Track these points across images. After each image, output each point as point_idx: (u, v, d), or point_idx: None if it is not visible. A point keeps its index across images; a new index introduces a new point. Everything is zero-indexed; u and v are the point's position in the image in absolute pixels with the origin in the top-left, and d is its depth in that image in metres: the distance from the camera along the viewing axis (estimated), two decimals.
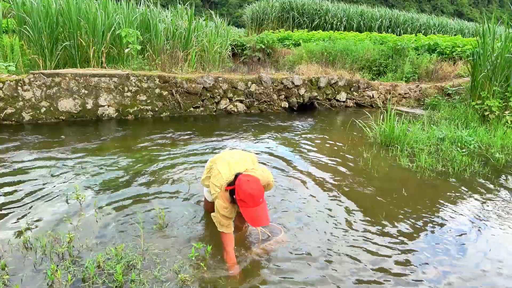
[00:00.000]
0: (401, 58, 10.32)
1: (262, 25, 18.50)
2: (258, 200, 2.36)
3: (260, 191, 2.38)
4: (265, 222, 2.39)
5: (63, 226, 2.99)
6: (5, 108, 5.63)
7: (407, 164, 4.78)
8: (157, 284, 2.36)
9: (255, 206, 2.36)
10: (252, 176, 2.46)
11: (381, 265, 2.72)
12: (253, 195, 2.33)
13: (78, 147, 4.84)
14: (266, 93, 7.53)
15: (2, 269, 2.44)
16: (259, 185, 2.40)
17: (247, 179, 2.41)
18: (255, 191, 2.35)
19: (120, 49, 7.50)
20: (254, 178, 2.44)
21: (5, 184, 3.68)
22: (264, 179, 2.59)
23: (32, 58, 7.34)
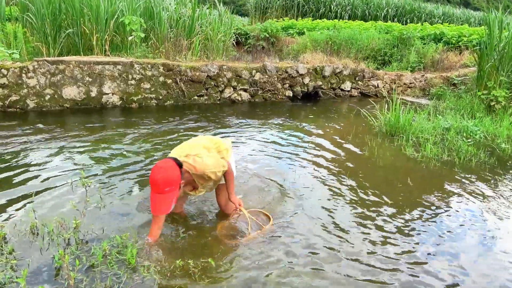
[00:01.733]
0: (407, 48, 10.22)
1: (266, 14, 18.30)
2: (153, 188, 2.36)
3: (160, 182, 2.33)
4: (154, 211, 2.42)
5: (69, 212, 3.00)
6: (9, 96, 5.63)
7: (412, 154, 4.76)
8: (162, 273, 2.38)
9: (152, 192, 2.39)
10: (168, 163, 2.41)
11: (384, 254, 2.72)
12: (151, 182, 2.37)
13: (83, 135, 4.84)
14: (271, 82, 7.49)
15: (10, 253, 2.45)
16: (162, 174, 2.34)
17: (160, 165, 2.40)
18: (152, 179, 2.36)
19: (124, 37, 7.45)
20: (166, 167, 2.39)
21: (11, 170, 3.70)
22: (199, 168, 2.54)
23: (36, 46, 7.30)
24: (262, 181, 3.80)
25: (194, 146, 2.72)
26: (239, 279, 2.36)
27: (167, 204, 2.40)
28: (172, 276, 2.34)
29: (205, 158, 2.61)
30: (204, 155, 2.63)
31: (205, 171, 2.56)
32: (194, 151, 2.66)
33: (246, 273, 2.42)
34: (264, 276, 2.39)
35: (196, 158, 2.58)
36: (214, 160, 2.64)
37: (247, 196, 3.45)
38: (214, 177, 2.63)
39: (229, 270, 2.44)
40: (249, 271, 2.44)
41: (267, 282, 2.35)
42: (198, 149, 2.68)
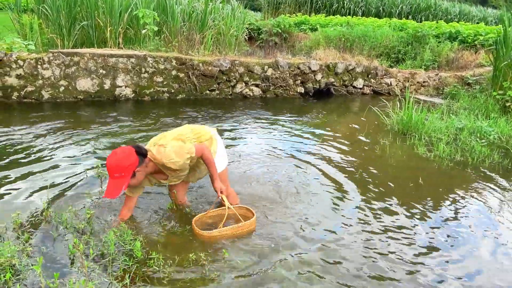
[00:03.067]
0: (421, 46, 10.08)
1: (278, 9, 18.19)
2: (108, 172, 2.41)
3: (109, 166, 2.38)
4: (105, 195, 2.43)
5: (83, 202, 3.05)
6: (25, 86, 5.72)
7: (425, 153, 4.72)
8: (172, 266, 2.41)
9: (109, 177, 2.43)
10: (124, 150, 2.45)
11: (394, 253, 2.71)
12: (107, 164, 2.41)
13: (97, 126, 4.90)
14: (282, 77, 7.47)
15: (26, 241, 2.51)
16: (114, 160, 2.39)
17: (116, 151, 2.46)
18: (107, 163, 2.41)
19: (137, 30, 7.49)
20: (120, 153, 2.43)
21: (26, 160, 3.77)
22: (159, 158, 2.53)
23: (51, 37, 7.38)
24: (270, 176, 3.81)
25: (166, 136, 2.71)
26: (248, 271, 2.38)
27: (116, 189, 2.40)
28: (182, 268, 2.37)
29: (169, 148, 2.56)
30: (169, 145, 2.59)
31: (164, 161, 2.53)
32: (162, 141, 2.66)
33: (256, 266, 2.44)
34: (273, 270, 2.41)
35: (160, 148, 2.57)
36: (178, 149, 2.57)
37: (254, 190, 3.46)
38: (175, 167, 2.55)
39: (239, 263, 2.46)
40: (258, 264, 2.46)
41: (276, 277, 2.36)
42: (167, 139, 2.66)
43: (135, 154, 2.46)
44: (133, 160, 2.43)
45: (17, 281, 2.15)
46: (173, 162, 2.54)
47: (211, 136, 2.89)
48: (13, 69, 5.60)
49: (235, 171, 3.86)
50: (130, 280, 2.17)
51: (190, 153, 2.59)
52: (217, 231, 2.67)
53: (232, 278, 2.32)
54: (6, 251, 2.25)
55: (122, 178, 2.40)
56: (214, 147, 2.86)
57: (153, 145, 2.64)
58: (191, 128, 2.89)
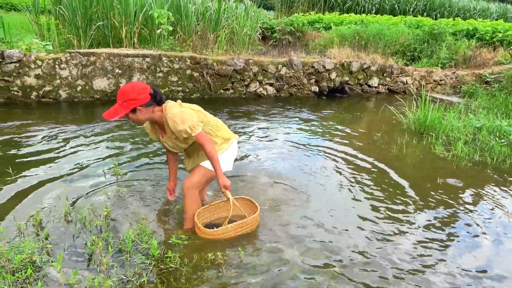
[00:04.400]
0: (437, 43, 9.91)
1: (292, 8, 18.11)
2: (117, 95, 2.44)
3: (120, 90, 2.43)
4: (104, 114, 2.45)
5: (100, 200, 3.09)
6: (43, 86, 5.82)
7: (442, 153, 4.64)
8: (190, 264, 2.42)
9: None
10: (141, 83, 2.49)
11: (408, 254, 2.67)
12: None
13: (114, 125, 4.96)
14: (296, 76, 7.44)
15: (46, 238, 2.55)
16: (124, 87, 2.44)
17: (136, 82, 2.51)
18: (121, 87, 2.45)
19: (152, 30, 7.55)
20: (135, 84, 2.47)
21: (45, 158, 3.83)
22: (165, 111, 2.49)
23: (67, 38, 7.49)
24: (284, 175, 3.79)
25: (192, 106, 2.65)
26: (265, 270, 2.38)
27: (112, 113, 2.43)
28: (199, 267, 2.38)
29: (180, 109, 2.51)
30: (186, 110, 2.53)
31: (168, 114, 2.47)
32: (187, 104, 2.63)
33: (272, 266, 2.43)
34: (289, 269, 2.40)
35: (175, 105, 2.54)
36: (185, 116, 2.47)
37: (267, 189, 3.45)
38: (171, 124, 2.46)
39: (256, 262, 2.45)
40: (274, 264, 2.45)
41: (292, 276, 2.35)
42: (189, 107, 2.61)
43: (147, 94, 2.45)
44: (141, 96, 2.42)
45: (37, 277, 2.19)
46: (172, 120, 2.46)
47: (230, 138, 2.78)
48: (32, 69, 5.71)
49: (249, 169, 3.86)
50: (147, 278, 2.19)
51: (191, 128, 2.47)
52: (222, 229, 2.62)
53: (249, 277, 2.32)
54: (27, 247, 2.29)
55: (121, 107, 2.42)
56: (226, 147, 2.74)
57: (177, 101, 2.62)
58: (220, 122, 2.82)
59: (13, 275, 2.11)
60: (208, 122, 2.68)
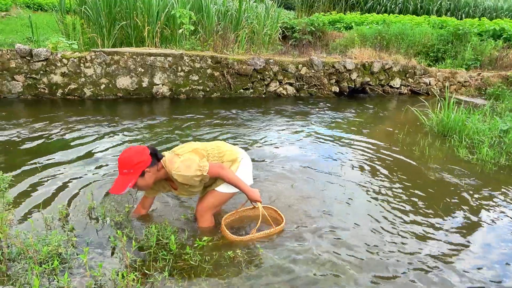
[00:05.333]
0: (462, 44, 9.68)
1: (312, 7, 18.03)
2: (118, 166, 2.38)
3: (119, 161, 2.37)
4: (111, 190, 2.37)
5: (122, 196, 3.15)
6: (69, 84, 5.98)
7: (466, 156, 4.53)
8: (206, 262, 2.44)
9: (119, 173, 2.39)
10: (138, 149, 2.41)
11: (430, 256, 2.62)
12: (118, 159, 2.39)
13: (136, 123, 5.05)
14: (317, 76, 7.40)
15: (71, 231, 2.63)
16: (124, 155, 2.37)
17: (132, 147, 2.43)
18: (120, 156, 2.38)
19: (173, 30, 7.65)
20: (134, 150, 2.40)
21: (71, 154, 3.94)
22: (169, 168, 2.43)
23: (92, 37, 7.68)
24: (304, 176, 3.78)
25: (186, 147, 2.57)
26: (284, 269, 2.38)
27: (122, 185, 2.34)
28: (219, 265, 2.40)
29: (181, 159, 2.44)
30: (183, 156, 2.47)
31: (172, 172, 2.41)
32: (180, 150, 2.54)
33: (292, 265, 2.43)
34: (308, 269, 2.39)
35: (174, 158, 2.46)
36: (189, 163, 2.42)
37: (286, 190, 3.45)
38: (181, 180, 2.42)
39: (275, 260, 2.46)
40: (293, 263, 2.45)
41: (311, 275, 2.35)
42: (185, 150, 2.53)
43: (148, 154, 2.40)
44: (144, 159, 2.37)
45: (63, 268, 2.25)
46: (179, 175, 2.40)
47: (237, 158, 2.68)
48: (58, 67, 5.87)
49: (269, 170, 3.86)
50: (168, 274, 2.23)
51: (201, 171, 2.42)
52: (249, 237, 2.66)
53: (268, 276, 2.33)
54: (54, 240, 2.36)
55: (129, 175, 2.35)
56: (235, 168, 2.66)
57: (169, 152, 2.57)
58: (219, 145, 2.73)
59: (40, 265, 2.18)
60: (209, 154, 2.61)
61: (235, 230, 2.80)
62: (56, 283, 2.11)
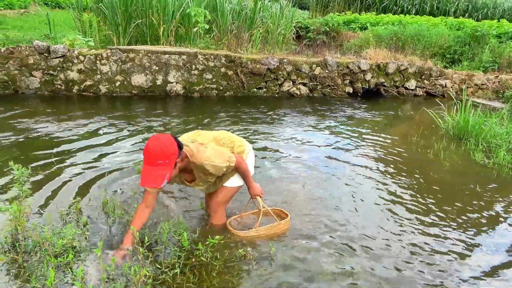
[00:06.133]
0: (480, 46, 9.50)
1: (327, 7, 17.89)
2: (145, 159, 2.17)
3: (152, 151, 2.14)
4: (144, 183, 2.17)
5: (135, 193, 3.18)
6: (85, 80, 6.07)
7: (482, 160, 4.46)
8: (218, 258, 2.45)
9: (144, 164, 2.19)
10: (166, 137, 2.21)
11: (450, 267, 2.58)
12: (144, 151, 2.18)
13: (150, 120, 5.10)
14: (331, 77, 7.35)
15: (84, 226, 2.66)
16: (158, 145, 2.14)
17: (158, 136, 2.20)
18: (148, 147, 2.16)
19: (188, 28, 7.69)
20: (164, 138, 2.19)
21: (84, 149, 4.00)
22: (198, 157, 2.35)
23: (107, 35, 7.76)
24: (317, 177, 3.76)
25: (205, 136, 2.55)
26: (295, 267, 2.38)
27: (158, 177, 2.15)
28: (230, 262, 2.41)
29: (209, 149, 2.41)
30: (210, 146, 2.45)
31: (204, 162, 2.35)
32: (200, 139, 2.50)
33: (303, 263, 2.42)
34: (319, 267, 2.38)
35: (200, 147, 2.40)
36: (219, 154, 2.42)
37: (298, 190, 3.44)
38: (214, 171, 2.41)
39: (286, 259, 2.45)
40: (304, 261, 2.44)
41: (323, 273, 2.33)
42: (207, 139, 2.51)
43: (176, 144, 2.24)
44: (176, 149, 2.23)
45: (77, 261, 2.29)
46: (213, 165, 2.39)
47: (244, 150, 2.70)
48: (74, 64, 5.96)
49: (281, 168, 3.86)
50: (180, 270, 2.24)
51: (230, 162, 2.44)
52: (253, 231, 2.67)
53: (279, 274, 2.33)
54: (69, 233, 2.40)
55: (165, 166, 2.17)
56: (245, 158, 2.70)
57: (190, 141, 2.46)
58: (227, 134, 2.74)
59: (56, 258, 2.22)
60: (223, 143, 2.62)
61: (241, 228, 2.82)
62: (70, 275, 2.15)
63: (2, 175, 3.29)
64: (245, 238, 2.66)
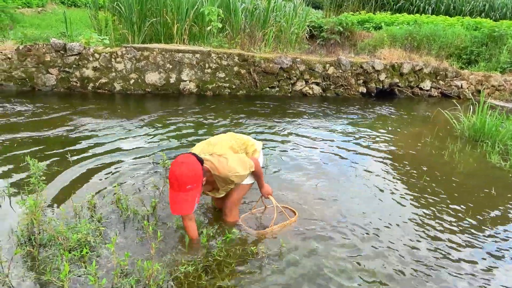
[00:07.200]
0: (498, 46, 9.31)
1: (341, 7, 17.77)
2: (173, 185, 2.18)
3: (180, 178, 2.14)
4: (174, 210, 2.20)
5: (148, 191, 3.20)
6: (100, 78, 6.14)
7: (499, 162, 4.37)
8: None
9: (172, 191, 2.20)
10: (190, 159, 2.21)
11: (455, 267, 2.54)
12: (171, 178, 2.18)
13: (163, 118, 5.14)
14: (344, 76, 7.30)
15: (99, 221, 2.70)
16: (185, 170, 2.15)
17: (181, 160, 2.19)
18: (175, 174, 2.16)
19: (202, 27, 7.72)
20: (188, 162, 2.19)
21: (98, 146, 4.05)
22: (222, 171, 2.37)
23: (122, 33, 7.85)
24: (329, 177, 3.74)
25: (221, 145, 2.54)
26: (306, 265, 2.37)
27: (189, 203, 2.21)
28: (242, 260, 2.41)
29: (231, 160, 2.42)
30: (230, 156, 2.45)
31: (229, 174, 2.37)
32: (220, 150, 2.49)
33: (313, 261, 2.41)
34: (329, 266, 2.37)
35: (221, 159, 2.40)
36: (241, 162, 2.45)
37: (309, 190, 3.42)
38: (238, 180, 2.45)
39: (296, 258, 2.45)
40: (314, 259, 2.43)
41: (333, 271, 2.32)
42: (224, 149, 2.51)
43: (200, 164, 2.26)
44: (201, 168, 2.26)
45: (91, 256, 2.32)
46: (237, 176, 2.41)
47: (256, 150, 2.74)
48: (90, 61, 6.04)
49: (294, 167, 3.85)
50: (192, 267, 2.25)
51: (250, 168, 2.50)
52: (269, 229, 2.72)
53: (289, 271, 2.33)
54: (83, 228, 2.43)
55: (194, 190, 2.20)
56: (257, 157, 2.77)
57: (208, 154, 2.46)
58: (236, 137, 2.73)
59: (70, 252, 2.26)
60: (238, 149, 2.63)
61: (252, 224, 2.84)
62: (84, 270, 2.18)
63: (19, 169, 3.35)
64: (259, 234, 2.70)
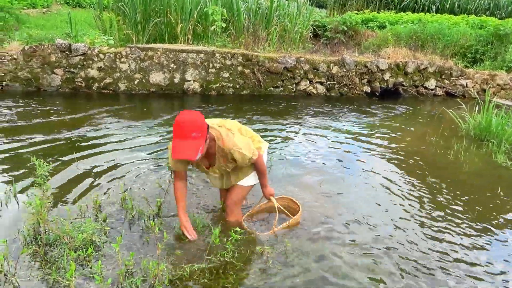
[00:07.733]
0: (503, 45, 9.24)
1: (345, 6, 17.71)
2: (180, 131, 2.12)
3: (185, 124, 2.10)
4: (178, 155, 2.11)
5: (153, 190, 3.21)
6: (104, 78, 6.17)
7: (505, 162, 4.34)
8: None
9: (176, 139, 2.14)
10: (195, 112, 2.19)
11: (461, 266, 2.53)
12: (175, 125, 2.13)
13: (168, 117, 5.15)
14: (348, 76, 7.28)
15: (104, 221, 2.71)
16: (190, 118, 2.13)
17: (188, 111, 2.19)
18: (179, 121, 2.12)
19: (205, 27, 7.72)
20: (194, 112, 2.18)
21: (103, 146, 4.07)
22: (227, 142, 2.33)
23: (127, 33, 7.87)
24: (333, 177, 3.74)
25: (231, 124, 2.52)
26: (310, 265, 2.36)
27: (194, 148, 2.12)
28: (247, 261, 2.41)
29: (237, 136, 2.40)
30: (237, 134, 2.44)
31: (232, 147, 2.34)
32: (229, 125, 2.48)
33: (317, 261, 2.41)
34: (335, 266, 2.37)
35: (229, 133, 2.39)
36: (246, 144, 2.42)
37: (314, 190, 3.42)
38: (239, 158, 2.37)
39: (302, 259, 2.44)
40: (319, 260, 2.43)
41: (338, 272, 2.32)
42: (234, 126, 2.51)
43: (204, 120, 2.24)
44: (206, 123, 2.23)
45: (97, 256, 2.33)
46: (240, 152, 2.36)
47: (261, 147, 2.70)
48: (95, 62, 6.07)
49: (298, 166, 3.84)
50: (197, 267, 2.25)
51: (254, 154, 2.45)
52: (272, 232, 2.69)
53: (294, 272, 2.32)
54: (88, 228, 2.44)
55: (198, 139, 2.14)
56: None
57: (217, 125, 2.44)
58: (246, 128, 2.73)
59: (75, 252, 2.27)
60: (245, 135, 2.62)
61: (257, 226, 2.83)
62: (89, 269, 2.19)
63: (25, 169, 3.37)
64: (262, 235, 2.69)
